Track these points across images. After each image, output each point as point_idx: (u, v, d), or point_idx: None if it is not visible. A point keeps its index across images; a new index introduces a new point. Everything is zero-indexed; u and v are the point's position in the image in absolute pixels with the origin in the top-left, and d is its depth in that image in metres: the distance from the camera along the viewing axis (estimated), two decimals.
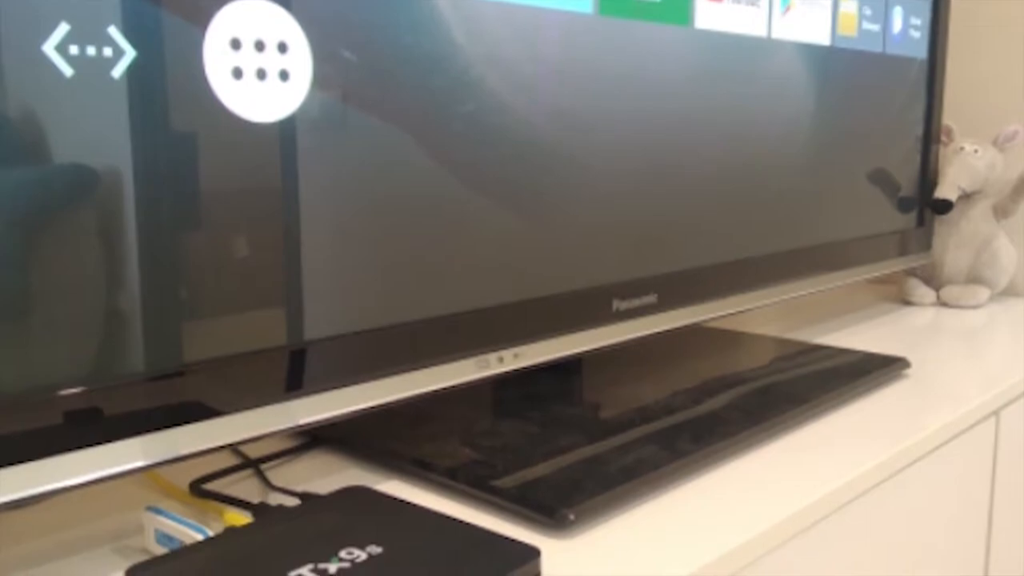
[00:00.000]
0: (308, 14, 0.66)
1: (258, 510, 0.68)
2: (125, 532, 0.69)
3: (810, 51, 1.14)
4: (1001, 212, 1.50)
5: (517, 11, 0.79)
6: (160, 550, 0.64)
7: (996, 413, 1.05)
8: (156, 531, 0.64)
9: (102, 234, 0.57)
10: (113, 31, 0.56)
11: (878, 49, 1.27)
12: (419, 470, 0.78)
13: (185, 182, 0.60)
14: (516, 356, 0.82)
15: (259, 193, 0.65)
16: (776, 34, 1.07)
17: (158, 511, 0.64)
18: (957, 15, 1.50)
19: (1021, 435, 1.13)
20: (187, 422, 0.62)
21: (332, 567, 0.55)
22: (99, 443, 0.58)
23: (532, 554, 0.58)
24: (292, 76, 0.65)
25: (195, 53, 0.60)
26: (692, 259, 1.01)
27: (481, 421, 0.88)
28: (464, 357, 0.78)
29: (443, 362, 0.76)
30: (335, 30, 0.67)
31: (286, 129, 0.65)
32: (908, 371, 1.09)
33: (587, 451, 0.79)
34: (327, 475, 0.79)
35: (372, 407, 0.72)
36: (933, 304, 1.52)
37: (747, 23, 1.03)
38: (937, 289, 1.53)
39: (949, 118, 1.51)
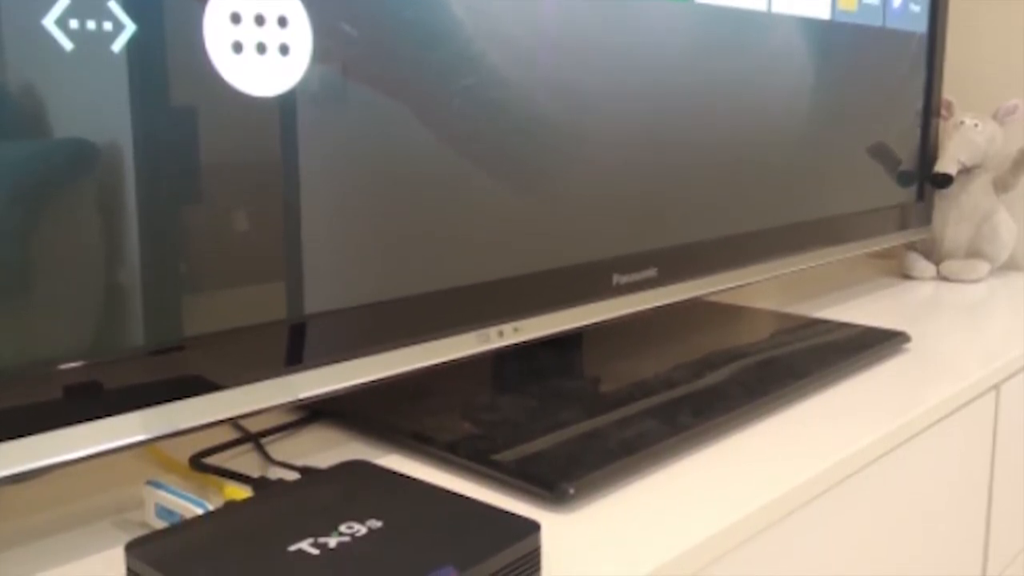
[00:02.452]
0: None
1: (258, 484, 0.68)
2: (125, 506, 0.69)
3: (810, 25, 1.13)
4: (1001, 186, 1.50)
5: None
6: (160, 524, 0.64)
7: (996, 387, 1.06)
8: (156, 505, 0.64)
9: (102, 208, 0.57)
10: (113, 5, 0.56)
11: (878, 23, 1.27)
12: (419, 444, 0.78)
13: (185, 156, 0.60)
14: (516, 330, 0.82)
15: (259, 167, 0.64)
16: (776, 8, 1.07)
17: (158, 485, 0.65)
18: None
19: (1021, 409, 1.13)
20: (187, 396, 0.62)
21: (332, 541, 0.55)
22: (99, 417, 0.58)
23: (532, 528, 0.58)
24: (292, 50, 0.65)
25: (195, 27, 0.60)
26: (692, 233, 1.01)
27: (481, 395, 0.88)
28: (464, 331, 0.78)
29: (443, 336, 0.76)
30: (335, 4, 0.67)
31: (286, 103, 0.65)
32: (908, 345, 1.09)
33: (587, 425, 0.79)
34: (327, 449, 0.79)
35: (372, 381, 0.72)
36: (933, 278, 1.52)
37: None
38: (937, 263, 1.52)
39: (949, 92, 1.51)
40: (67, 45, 0.55)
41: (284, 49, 0.64)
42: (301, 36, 0.65)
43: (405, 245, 0.74)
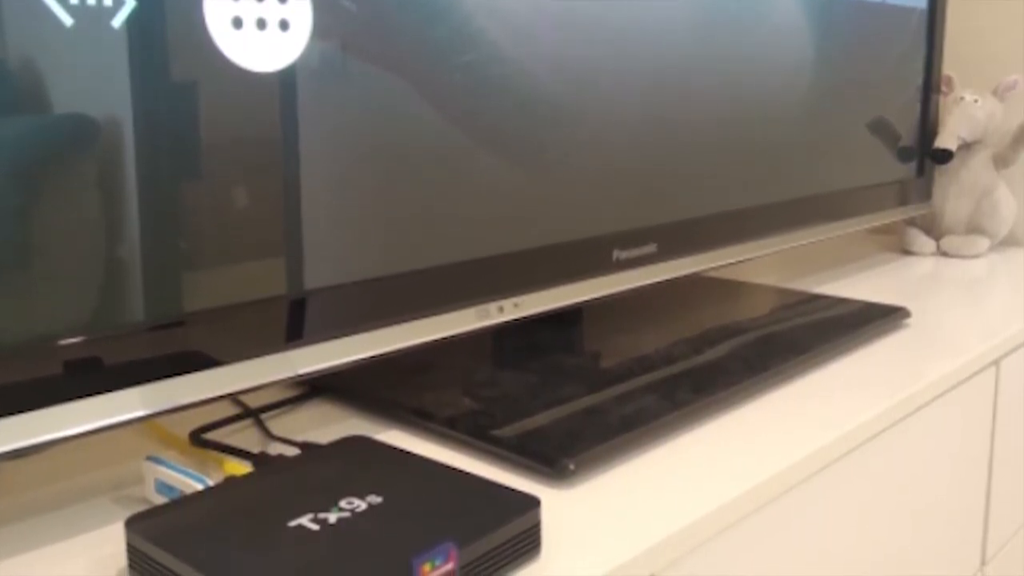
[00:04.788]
0: None
1: (258, 460, 0.68)
2: (125, 482, 0.69)
3: (810, 0, 1.13)
4: (1001, 162, 1.50)
5: None
6: (160, 500, 0.64)
7: (996, 363, 1.06)
8: (156, 481, 0.64)
9: (102, 184, 0.57)
10: None
11: None
12: (419, 420, 0.78)
13: (185, 132, 0.60)
14: (516, 306, 0.81)
15: (259, 143, 0.64)
16: None
17: (158, 461, 0.65)
18: None
19: (1021, 384, 1.14)
20: (187, 372, 0.62)
21: (332, 516, 0.55)
22: (99, 392, 0.58)
23: (532, 503, 0.58)
24: (292, 26, 0.64)
25: (195, 3, 0.60)
26: (692, 209, 1.00)
27: (481, 371, 0.88)
28: (464, 306, 0.78)
29: (443, 311, 0.76)
30: None
31: (286, 79, 0.65)
32: (908, 321, 1.09)
33: (587, 401, 0.79)
34: (327, 425, 0.79)
35: (372, 357, 0.72)
36: (933, 254, 1.52)
37: None
38: (937, 239, 1.52)
39: (949, 68, 1.50)
40: (67, 20, 0.54)
41: (284, 24, 0.64)
42: (301, 11, 0.65)
43: (405, 220, 0.74)
